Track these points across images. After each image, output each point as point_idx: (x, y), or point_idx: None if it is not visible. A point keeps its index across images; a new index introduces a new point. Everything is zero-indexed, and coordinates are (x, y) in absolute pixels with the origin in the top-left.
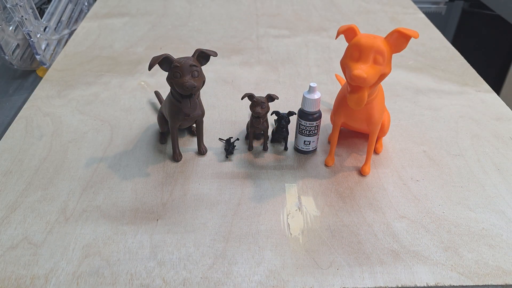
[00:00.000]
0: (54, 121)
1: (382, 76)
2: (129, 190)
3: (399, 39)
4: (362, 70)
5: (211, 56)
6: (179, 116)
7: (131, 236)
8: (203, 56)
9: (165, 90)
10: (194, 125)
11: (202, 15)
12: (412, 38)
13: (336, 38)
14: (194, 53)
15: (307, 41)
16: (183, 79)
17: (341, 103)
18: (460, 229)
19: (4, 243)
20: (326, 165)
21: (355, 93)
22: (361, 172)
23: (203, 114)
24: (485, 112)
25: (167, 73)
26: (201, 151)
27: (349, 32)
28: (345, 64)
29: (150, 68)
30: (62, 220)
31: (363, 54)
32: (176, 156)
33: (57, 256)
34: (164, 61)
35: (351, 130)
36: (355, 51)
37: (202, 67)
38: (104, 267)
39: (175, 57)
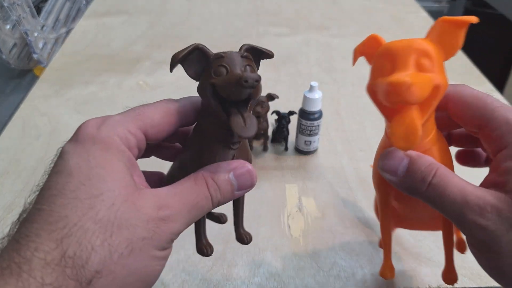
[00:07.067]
0: (52, 120)
1: (437, 91)
2: None
3: (448, 33)
4: (404, 74)
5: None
6: (225, 150)
7: None
8: (254, 55)
9: (164, 92)
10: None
11: (201, 13)
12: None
13: (353, 64)
14: (241, 48)
15: (308, 39)
16: (236, 73)
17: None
18: None
19: None
20: (383, 277)
21: (401, 119)
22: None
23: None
24: None
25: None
26: (243, 238)
27: (370, 44)
28: (376, 84)
29: (172, 68)
30: None
31: (398, 62)
32: (203, 248)
33: None
34: (195, 56)
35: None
36: (387, 62)
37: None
38: None
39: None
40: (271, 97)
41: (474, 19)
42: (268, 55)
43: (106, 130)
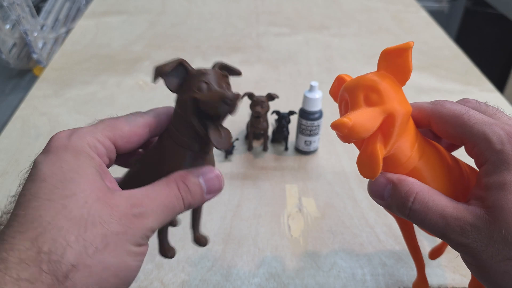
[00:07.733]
0: (51, 120)
1: (393, 119)
2: None
3: (394, 61)
4: (346, 115)
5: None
6: (196, 158)
7: None
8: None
9: (164, 91)
10: None
11: (201, 13)
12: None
13: (337, 103)
14: (214, 65)
15: (308, 39)
16: (218, 89)
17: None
18: None
19: None
20: None
21: (364, 150)
22: None
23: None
24: None
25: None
26: (200, 241)
27: (339, 84)
28: None
29: (155, 79)
30: None
31: (351, 101)
32: (166, 251)
33: None
34: (176, 70)
35: None
36: (343, 102)
37: None
38: None
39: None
40: (271, 97)
41: (411, 44)
42: (237, 73)
43: (76, 139)
